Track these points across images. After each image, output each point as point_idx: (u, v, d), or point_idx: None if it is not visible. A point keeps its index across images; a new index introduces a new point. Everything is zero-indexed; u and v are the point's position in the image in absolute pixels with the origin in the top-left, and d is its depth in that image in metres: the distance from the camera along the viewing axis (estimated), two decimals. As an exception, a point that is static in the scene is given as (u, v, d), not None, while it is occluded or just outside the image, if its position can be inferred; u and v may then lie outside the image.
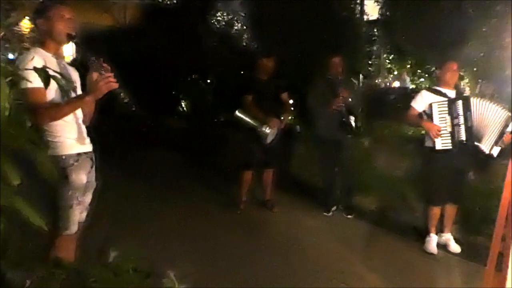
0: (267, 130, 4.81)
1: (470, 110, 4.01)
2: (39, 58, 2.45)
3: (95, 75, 2.51)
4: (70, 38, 2.61)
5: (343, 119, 4.83)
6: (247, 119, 4.88)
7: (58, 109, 2.50)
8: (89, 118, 2.77)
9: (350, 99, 4.83)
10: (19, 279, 0.87)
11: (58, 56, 2.65)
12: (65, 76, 2.44)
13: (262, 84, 4.95)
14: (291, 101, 7.88)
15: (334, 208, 5.15)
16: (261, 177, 5.23)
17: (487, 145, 3.98)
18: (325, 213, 5.10)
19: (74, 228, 2.62)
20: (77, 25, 2.69)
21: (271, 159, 5.13)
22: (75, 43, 2.65)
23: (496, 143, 3.95)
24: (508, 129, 3.94)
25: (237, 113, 4.92)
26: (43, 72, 1.26)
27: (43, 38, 2.62)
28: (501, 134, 3.94)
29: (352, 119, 4.89)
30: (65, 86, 1.71)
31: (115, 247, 0.99)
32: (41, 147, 1.26)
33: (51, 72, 1.30)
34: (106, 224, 3.77)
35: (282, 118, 4.99)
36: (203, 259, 3.70)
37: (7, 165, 0.91)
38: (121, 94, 2.58)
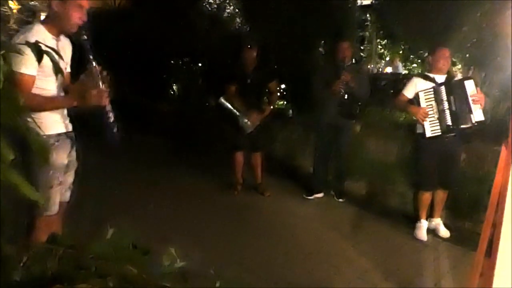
0: (248, 123, 4.94)
1: (452, 94, 4.02)
2: (38, 34, 2.39)
3: (88, 82, 2.48)
4: (79, 29, 2.52)
5: (342, 102, 4.83)
6: (230, 107, 4.98)
7: (40, 103, 2.46)
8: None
9: (353, 85, 4.78)
10: (16, 255, 0.86)
11: (58, 38, 2.58)
12: (61, 57, 2.41)
13: (246, 76, 4.98)
14: (283, 86, 7.90)
15: (321, 194, 5.18)
16: (250, 161, 5.25)
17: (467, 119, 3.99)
18: (308, 197, 5.13)
19: (55, 208, 2.61)
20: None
21: (257, 143, 5.16)
22: (85, 36, 2.56)
23: (470, 111, 3.96)
24: (468, 89, 3.95)
25: (222, 100, 5.03)
26: (35, 47, 1.22)
27: (50, 19, 2.53)
28: (466, 97, 3.95)
29: (353, 104, 4.90)
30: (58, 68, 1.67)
31: (112, 225, 0.98)
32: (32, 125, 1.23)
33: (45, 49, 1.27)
34: (99, 205, 3.76)
35: (264, 108, 5.06)
36: (197, 240, 3.68)
37: (2, 141, 0.89)
38: (109, 113, 2.55)
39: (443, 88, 4.05)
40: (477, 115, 3.97)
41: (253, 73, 4.98)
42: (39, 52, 1.22)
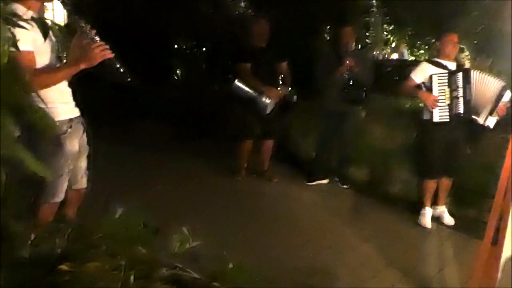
0: (267, 101, 4.70)
1: (469, 83, 3.96)
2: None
3: (85, 41, 2.34)
4: None
5: (347, 87, 4.77)
6: (246, 89, 4.75)
7: (50, 76, 2.35)
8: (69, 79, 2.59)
9: (357, 70, 4.72)
10: (24, 232, 0.84)
11: (40, 15, 2.40)
12: (61, 30, 2.33)
13: (259, 52, 4.80)
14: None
15: (326, 180, 5.17)
16: (260, 147, 5.16)
17: (482, 116, 3.97)
18: (309, 183, 5.11)
19: (62, 196, 2.55)
20: None
21: (271, 130, 5.04)
22: (62, 3, 2.46)
23: (491, 113, 3.93)
24: (504, 99, 3.92)
25: (237, 82, 4.77)
26: (41, 22, 1.18)
27: None
28: (496, 103, 3.92)
29: (358, 89, 4.83)
30: (61, 42, 1.63)
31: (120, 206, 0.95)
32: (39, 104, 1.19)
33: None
34: (107, 188, 3.75)
35: (279, 89, 4.88)
36: (198, 224, 3.66)
37: (6, 116, 0.86)
38: (116, 63, 2.43)
39: (460, 74, 3.98)
40: (491, 121, 3.96)
41: (266, 50, 4.82)
42: (44, 27, 1.18)
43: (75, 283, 0.72)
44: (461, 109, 3.98)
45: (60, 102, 2.47)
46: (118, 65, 2.42)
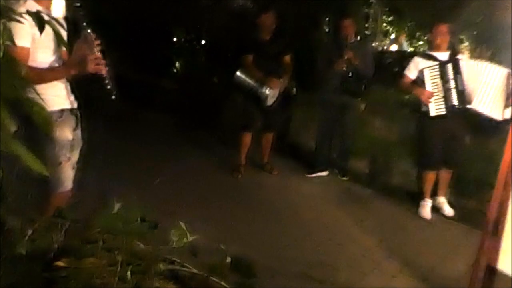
0: (268, 92, 4.68)
1: (459, 73, 3.93)
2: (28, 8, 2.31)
3: (85, 49, 2.41)
4: None
5: (346, 79, 4.76)
6: (248, 80, 4.75)
7: (40, 75, 2.39)
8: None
9: (357, 62, 4.72)
10: (21, 227, 0.83)
11: (49, 11, 2.47)
12: (62, 25, 2.34)
13: (264, 44, 4.78)
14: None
15: (326, 172, 5.18)
16: (261, 140, 5.15)
17: (496, 111, 3.79)
18: (309, 175, 5.12)
19: (68, 184, 2.59)
20: None
21: (272, 122, 5.03)
22: (77, 3, 2.49)
23: (506, 106, 3.84)
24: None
25: (238, 73, 4.77)
26: (37, 16, 1.17)
27: None
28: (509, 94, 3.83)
29: (358, 81, 4.82)
30: (60, 38, 1.63)
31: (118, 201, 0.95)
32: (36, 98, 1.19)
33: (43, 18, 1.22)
34: (105, 182, 3.75)
35: (281, 80, 4.88)
36: (199, 218, 3.67)
37: (4, 112, 0.86)
38: (106, 79, 2.49)
39: (449, 66, 3.96)
40: (507, 112, 3.75)
41: (271, 42, 4.79)
42: (40, 21, 1.17)
43: (72, 279, 0.72)
44: (455, 101, 3.96)
45: (51, 93, 2.48)
46: (107, 81, 2.47)
